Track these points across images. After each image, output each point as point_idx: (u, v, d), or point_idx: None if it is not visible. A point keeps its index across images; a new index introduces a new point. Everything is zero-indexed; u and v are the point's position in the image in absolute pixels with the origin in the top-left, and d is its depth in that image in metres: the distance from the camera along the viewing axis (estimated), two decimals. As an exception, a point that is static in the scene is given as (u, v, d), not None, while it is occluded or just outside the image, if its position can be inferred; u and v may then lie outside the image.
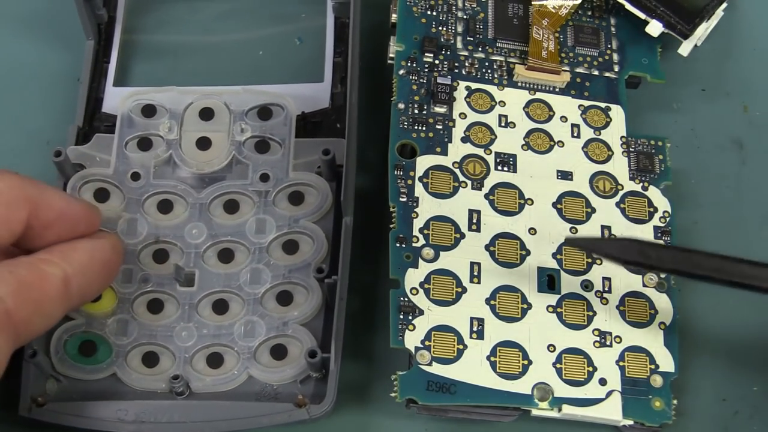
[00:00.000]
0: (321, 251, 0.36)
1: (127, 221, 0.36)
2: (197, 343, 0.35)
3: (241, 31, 0.43)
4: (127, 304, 0.35)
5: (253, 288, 0.35)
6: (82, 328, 0.35)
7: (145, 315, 0.35)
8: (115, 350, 0.35)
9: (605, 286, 0.35)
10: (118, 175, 0.37)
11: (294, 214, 0.36)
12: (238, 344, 0.35)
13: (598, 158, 0.38)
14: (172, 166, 0.38)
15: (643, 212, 0.37)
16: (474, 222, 0.35)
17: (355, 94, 0.37)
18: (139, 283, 0.36)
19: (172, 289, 0.36)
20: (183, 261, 0.36)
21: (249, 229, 0.36)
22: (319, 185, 0.37)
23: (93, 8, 0.40)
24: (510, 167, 0.37)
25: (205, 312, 0.35)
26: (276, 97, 0.38)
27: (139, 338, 0.35)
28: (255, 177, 0.37)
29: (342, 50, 0.40)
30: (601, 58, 0.40)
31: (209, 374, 0.34)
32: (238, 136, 0.38)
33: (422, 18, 0.39)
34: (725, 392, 0.36)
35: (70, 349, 0.35)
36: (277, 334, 0.35)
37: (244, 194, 0.37)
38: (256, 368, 0.34)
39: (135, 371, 0.34)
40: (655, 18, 0.39)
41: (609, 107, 0.39)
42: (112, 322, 0.35)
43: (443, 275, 0.34)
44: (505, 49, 0.39)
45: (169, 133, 0.38)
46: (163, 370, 0.34)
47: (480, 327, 0.34)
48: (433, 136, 0.37)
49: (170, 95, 0.39)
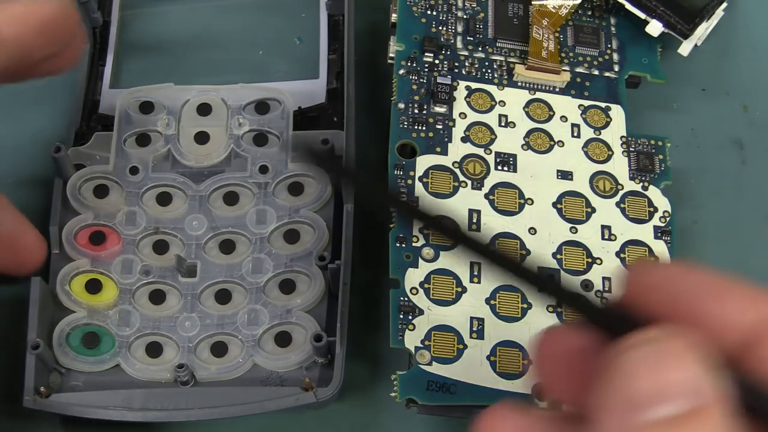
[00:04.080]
0: (322, 239, 0.36)
1: (126, 213, 0.36)
2: (201, 333, 0.35)
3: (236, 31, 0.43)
4: (128, 295, 0.35)
5: (255, 277, 0.35)
6: (84, 320, 0.35)
7: (148, 306, 0.35)
8: (118, 341, 0.35)
9: (605, 286, 0.35)
10: (117, 171, 0.37)
11: (294, 205, 0.37)
12: (242, 332, 0.35)
13: (598, 158, 0.38)
14: (170, 160, 0.38)
15: (643, 212, 0.37)
16: (474, 222, 0.35)
17: (351, 86, 0.38)
18: (140, 274, 0.36)
19: (174, 280, 0.36)
20: (184, 252, 0.36)
21: (249, 220, 0.36)
22: (318, 175, 0.37)
23: (88, 12, 0.41)
24: (510, 167, 0.37)
25: (208, 302, 0.35)
26: (273, 92, 0.39)
27: (142, 329, 0.35)
28: (254, 169, 0.37)
29: (336, 47, 0.40)
30: (601, 57, 0.40)
31: (214, 363, 0.34)
32: (236, 130, 0.38)
33: (422, 18, 0.39)
34: (725, 392, 0.36)
35: (72, 342, 0.34)
36: (281, 322, 0.35)
37: (243, 186, 0.37)
38: (261, 356, 0.34)
39: (139, 362, 0.34)
40: (655, 18, 0.39)
41: (609, 107, 0.39)
42: (114, 314, 0.35)
43: (443, 275, 0.34)
44: (505, 49, 0.39)
45: (167, 128, 0.38)
46: (167, 360, 0.34)
47: (480, 327, 0.34)
48: (433, 135, 0.37)
49: (167, 92, 0.39)
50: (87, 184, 0.37)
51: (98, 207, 0.37)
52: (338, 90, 0.39)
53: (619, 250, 0.36)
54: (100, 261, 0.36)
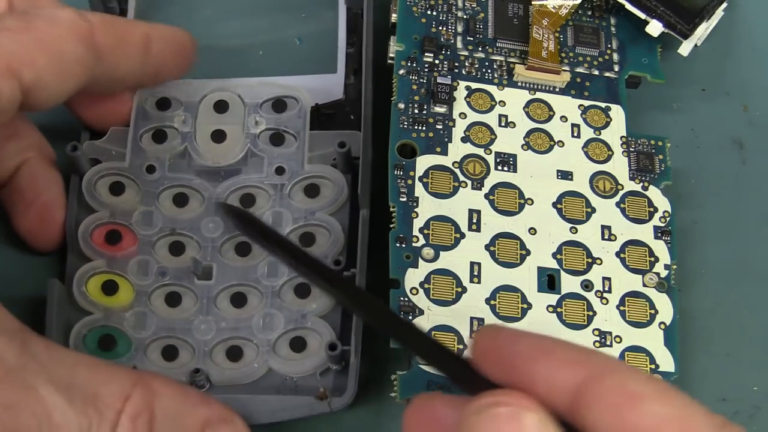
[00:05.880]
0: (338, 243, 0.36)
1: (142, 213, 0.36)
2: (216, 336, 0.35)
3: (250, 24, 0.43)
4: (144, 297, 0.35)
5: (270, 281, 0.35)
6: (101, 322, 0.35)
7: (163, 308, 0.35)
8: (134, 344, 0.34)
9: (605, 286, 0.35)
10: (133, 169, 0.37)
11: (310, 207, 0.36)
12: (257, 337, 0.35)
13: (598, 158, 0.38)
14: (187, 158, 0.37)
15: (643, 212, 0.37)
16: (474, 222, 0.35)
17: (369, 85, 0.37)
18: (156, 276, 0.35)
19: (190, 282, 0.35)
20: (200, 254, 0.36)
21: (265, 222, 0.36)
22: (335, 178, 0.37)
23: (104, 1, 0.41)
24: (510, 167, 0.37)
25: (223, 305, 0.35)
26: (290, 89, 0.38)
27: (158, 331, 0.35)
28: (270, 170, 0.37)
29: (354, 41, 0.40)
30: (601, 58, 0.40)
31: (229, 367, 0.34)
32: (253, 129, 0.38)
33: (422, 18, 0.39)
34: (725, 392, 0.36)
35: (89, 344, 0.34)
36: (296, 327, 0.35)
37: (260, 188, 0.37)
38: (276, 361, 0.34)
39: (155, 364, 0.34)
40: (655, 18, 0.39)
41: (609, 107, 0.39)
42: (131, 316, 0.35)
43: (443, 275, 0.34)
44: (505, 49, 0.39)
45: (184, 125, 0.38)
46: (182, 363, 0.34)
47: (480, 327, 0.34)
48: (433, 136, 0.37)
49: (184, 88, 0.38)
50: (102, 180, 0.37)
51: (114, 205, 0.36)
52: (356, 86, 0.38)
53: (619, 250, 0.36)
54: (116, 261, 0.36)
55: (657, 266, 0.36)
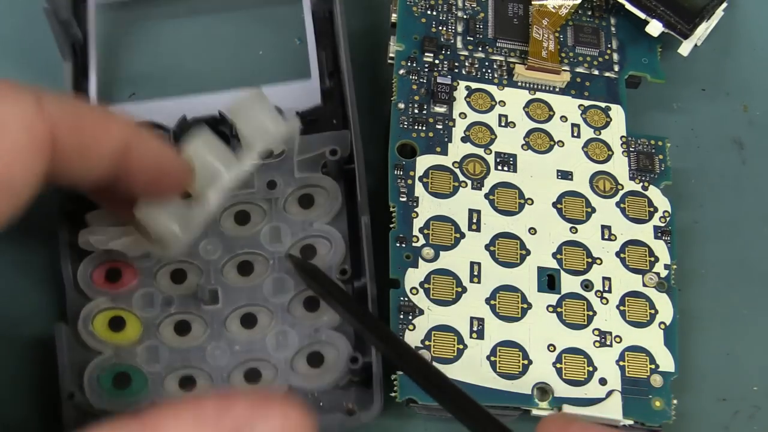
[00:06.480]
0: (340, 253, 0.35)
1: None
2: (232, 361, 0.34)
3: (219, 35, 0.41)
4: (152, 329, 0.34)
5: (278, 298, 0.35)
6: (112, 360, 0.34)
7: (173, 338, 0.34)
8: (150, 379, 0.34)
9: (605, 286, 0.35)
10: None
11: (307, 218, 0.36)
12: (274, 357, 0.34)
13: (598, 158, 0.38)
14: None
15: (643, 212, 0.37)
16: (474, 222, 0.35)
17: (351, 84, 0.36)
18: (162, 306, 0.35)
19: (197, 308, 0.34)
20: (203, 279, 0.35)
21: (264, 238, 0.35)
22: (327, 185, 0.36)
23: (66, 28, 0.38)
24: (510, 167, 0.37)
25: (234, 327, 0.34)
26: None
27: (172, 362, 0.34)
28: (261, 185, 0.36)
29: (326, 44, 0.39)
30: (601, 57, 0.40)
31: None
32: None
33: (422, 18, 0.39)
34: (725, 392, 0.36)
35: (104, 384, 0.33)
36: (311, 342, 0.34)
37: (253, 204, 0.36)
38: (296, 378, 0.33)
39: (173, 397, 0.33)
40: (655, 18, 0.39)
41: (609, 107, 0.39)
42: (142, 350, 0.34)
43: (443, 275, 0.34)
44: (505, 49, 0.39)
45: None
46: (202, 392, 0.33)
47: (480, 327, 0.34)
48: (433, 135, 0.37)
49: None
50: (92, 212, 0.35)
51: None
52: (334, 90, 0.38)
53: (619, 250, 0.36)
54: (119, 296, 0.35)
55: (657, 266, 0.36)
